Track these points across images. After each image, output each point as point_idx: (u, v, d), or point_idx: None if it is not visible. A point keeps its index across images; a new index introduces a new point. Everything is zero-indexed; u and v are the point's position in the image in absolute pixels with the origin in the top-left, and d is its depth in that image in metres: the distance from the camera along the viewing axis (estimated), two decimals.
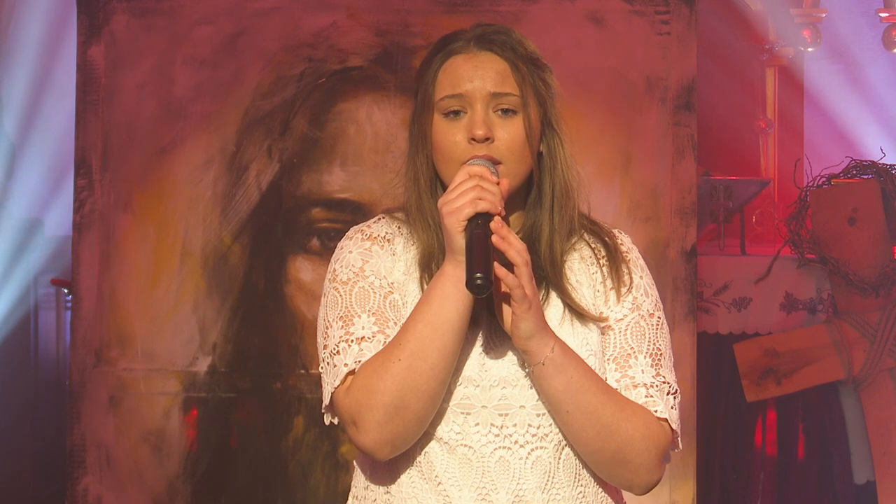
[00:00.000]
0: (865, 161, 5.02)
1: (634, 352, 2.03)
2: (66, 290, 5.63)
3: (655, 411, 1.99)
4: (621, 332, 2.04)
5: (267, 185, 4.30)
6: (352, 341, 1.97)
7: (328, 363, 1.99)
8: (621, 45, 4.26)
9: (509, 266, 1.89)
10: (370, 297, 2.00)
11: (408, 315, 1.96)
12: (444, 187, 2.00)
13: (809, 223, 4.96)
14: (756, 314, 4.94)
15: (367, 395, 1.92)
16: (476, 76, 2.00)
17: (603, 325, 2.04)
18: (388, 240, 2.06)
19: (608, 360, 2.03)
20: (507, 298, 1.91)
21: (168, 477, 4.28)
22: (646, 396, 2.00)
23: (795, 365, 4.83)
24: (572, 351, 1.95)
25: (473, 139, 1.97)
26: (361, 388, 1.93)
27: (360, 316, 1.98)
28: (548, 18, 4.26)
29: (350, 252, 2.05)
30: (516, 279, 1.88)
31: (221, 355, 4.28)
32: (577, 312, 2.02)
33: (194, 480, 4.28)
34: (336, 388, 1.97)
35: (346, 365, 1.95)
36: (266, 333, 4.30)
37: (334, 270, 2.05)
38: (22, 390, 5.52)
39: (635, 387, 2.01)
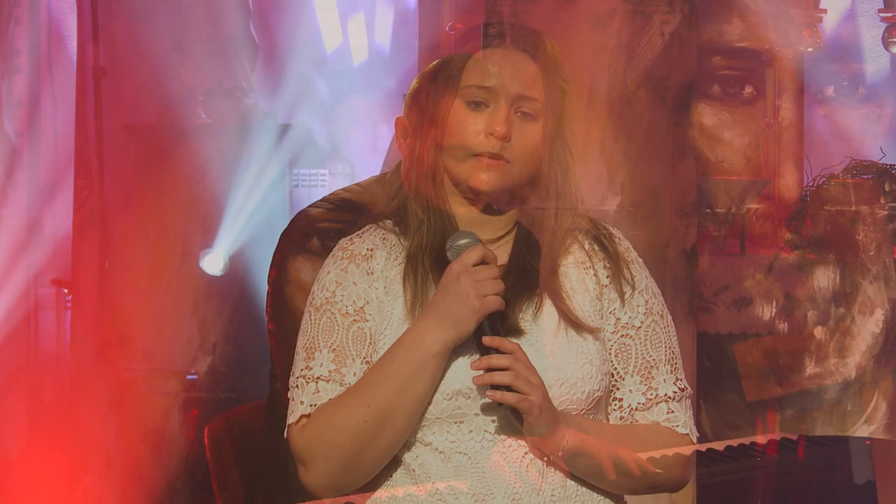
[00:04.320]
0: (865, 161, 5.01)
1: (656, 362, 2.05)
2: (66, 290, 5.63)
3: (676, 427, 2.02)
4: (641, 342, 2.05)
5: (268, 185, 4.30)
6: (310, 379, 1.99)
7: (290, 392, 2.02)
8: (621, 45, 4.26)
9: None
10: (334, 331, 2.01)
11: (379, 343, 1.98)
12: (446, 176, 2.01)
13: (809, 223, 4.95)
14: (756, 314, 4.94)
15: (323, 447, 1.94)
16: (507, 74, 2.00)
17: (611, 329, 2.05)
18: (368, 257, 2.05)
19: (632, 371, 2.03)
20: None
21: (168, 477, 4.27)
22: (668, 412, 2.03)
23: (795, 365, 4.83)
24: (587, 437, 1.96)
25: (492, 135, 1.98)
26: (318, 436, 1.95)
27: (321, 350, 2.00)
28: (548, 18, 4.26)
29: (328, 273, 2.05)
30: (515, 395, 1.89)
31: (221, 355, 4.28)
32: (571, 321, 2.02)
33: (194, 480, 4.27)
34: (290, 425, 1.99)
35: (301, 403, 1.98)
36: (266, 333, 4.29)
37: (313, 291, 2.07)
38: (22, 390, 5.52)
39: (658, 403, 2.03)
